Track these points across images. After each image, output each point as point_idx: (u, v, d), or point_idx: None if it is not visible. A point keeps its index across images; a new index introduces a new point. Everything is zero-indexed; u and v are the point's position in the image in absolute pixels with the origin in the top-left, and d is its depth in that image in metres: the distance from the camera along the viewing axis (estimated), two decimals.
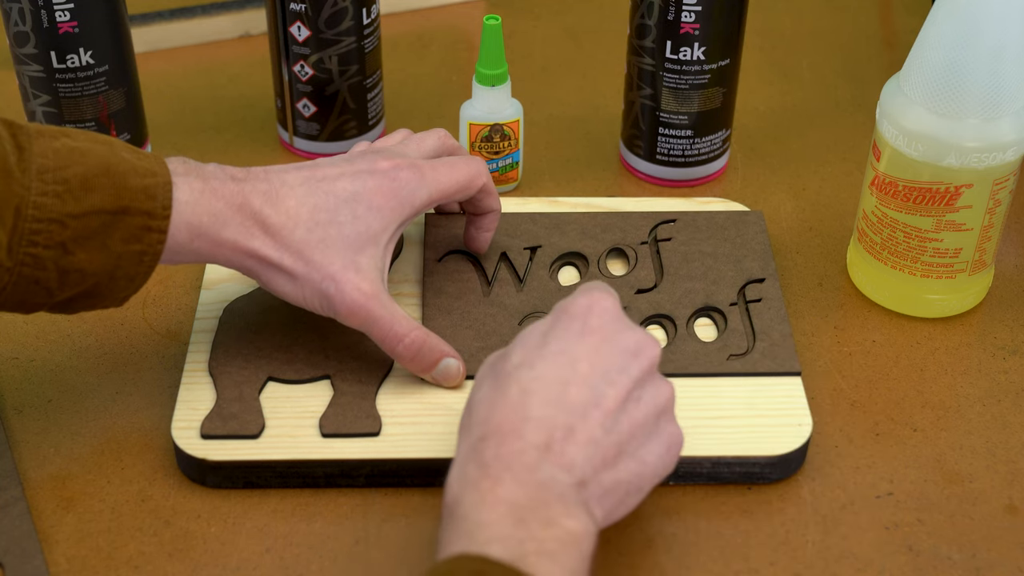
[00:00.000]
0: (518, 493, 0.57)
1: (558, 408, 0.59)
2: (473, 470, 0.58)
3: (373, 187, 0.70)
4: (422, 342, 0.70)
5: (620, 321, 0.63)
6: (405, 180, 0.71)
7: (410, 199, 0.71)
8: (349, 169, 0.71)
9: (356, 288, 0.68)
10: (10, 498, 0.69)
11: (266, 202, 0.68)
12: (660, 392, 0.62)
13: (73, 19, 0.82)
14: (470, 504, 0.57)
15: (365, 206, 0.70)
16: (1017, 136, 0.74)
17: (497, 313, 0.77)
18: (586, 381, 0.60)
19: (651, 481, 0.62)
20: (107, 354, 0.78)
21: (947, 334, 0.80)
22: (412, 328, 0.70)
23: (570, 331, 0.62)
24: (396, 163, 0.71)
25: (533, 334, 0.63)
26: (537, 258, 0.81)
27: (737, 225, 0.83)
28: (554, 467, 0.58)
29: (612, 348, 0.61)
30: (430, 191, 0.72)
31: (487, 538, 0.55)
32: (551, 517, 0.57)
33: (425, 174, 0.72)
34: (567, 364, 0.61)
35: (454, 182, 0.73)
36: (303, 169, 0.71)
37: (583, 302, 0.63)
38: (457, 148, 0.78)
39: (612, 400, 0.60)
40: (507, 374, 0.61)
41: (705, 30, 0.84)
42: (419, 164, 0.72)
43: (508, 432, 0.59)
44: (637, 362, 0.61)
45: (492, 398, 0.61)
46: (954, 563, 0.67)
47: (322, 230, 0.69)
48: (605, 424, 0.60)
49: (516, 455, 0.58)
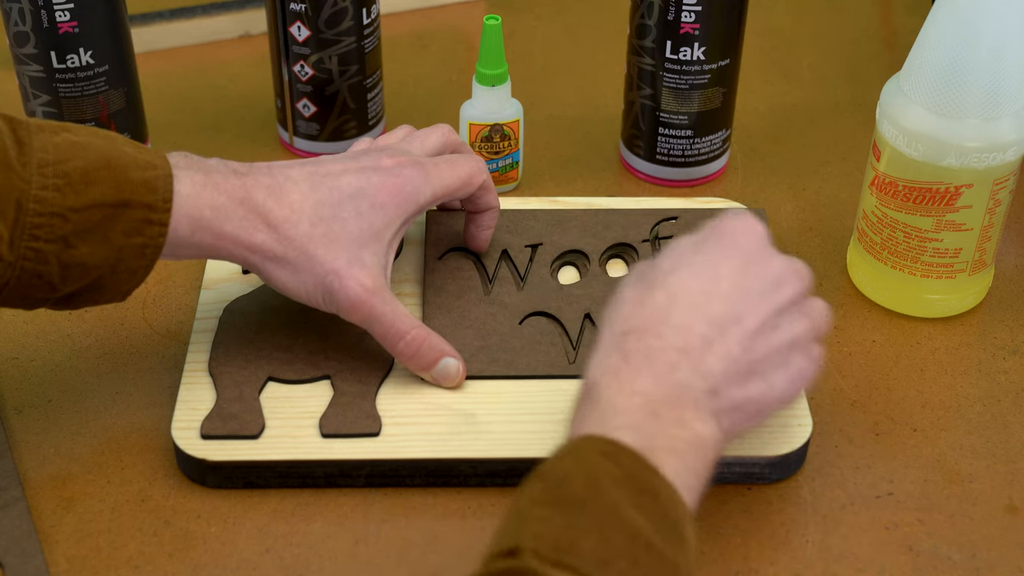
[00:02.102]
0: (655, 388, 0.59)
1: (699, 318, 0.61)
2: (615, 359, 0.61)
3: (377, 184, 0.70)
4: (423, 340, 0.71)
5: (768, 247, 0.64)
6: (409, 177, 0.71)
7: (414, 196, 0.71)
8: (353, 166, 0.71)
9: (359, 283, 0.69)
10: (10, 498, 0.69)
11: (269, 196, 0.68)
12: (796, 324, 0.63)
13: (73, 19, 0.82)
14: (608, 389, 0.59)
15: (369, 203, 0.70)
16: (1017, 136, 0.74)
17: (497, 312, 0.77)
18: (728, 298, 0.62)
19: (774, 406, 0.63)
20: (107, 354, 0.78)
21: (947, 334, 0.80)
22: (413, 326, 0.70)
23: (719, 247, 0.63)
24: (400, 160, 0.72)
25: (684, 245, 0.65)
26: (538, 256, 0.81)
27: None
28: (691, 371, 0.60)
29: (757, 271, 0.63)
30: (434, 188, 0.72)
31: (620, 424, 0.58)
32: (683, 418, 0.59)
33: (429, 172, 0.72)
34: (712, 278, 0.62)
35: (456, 179, 0.74)
36: (307, 165, 0.71)
37: (737, 223, 0.64)
38: (460, 144, 0.78)
39: (751, 321, 0.62)
40: (654, 279, 0.63)
41: (705, 30, 0.84)
42: (422, 162, 0.73)
43: (650, 330, 0.61)
44: (779, 291, 0.63)
45: (638, 299, 0.63)
46: (954, 563, 0.67)
47: (326, 225, 0.69)
48: (743, 342, 0.61)
49: (657, 352, 0.60)
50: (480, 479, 0.70)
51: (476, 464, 0.70)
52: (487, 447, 0.70)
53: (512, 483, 0.70)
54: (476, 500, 0.70)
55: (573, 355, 0.74)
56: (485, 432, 0.70)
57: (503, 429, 0.71)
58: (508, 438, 0.70)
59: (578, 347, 0.75)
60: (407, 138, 0.76)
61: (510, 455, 0.69)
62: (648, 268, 0.64)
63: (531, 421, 0.71)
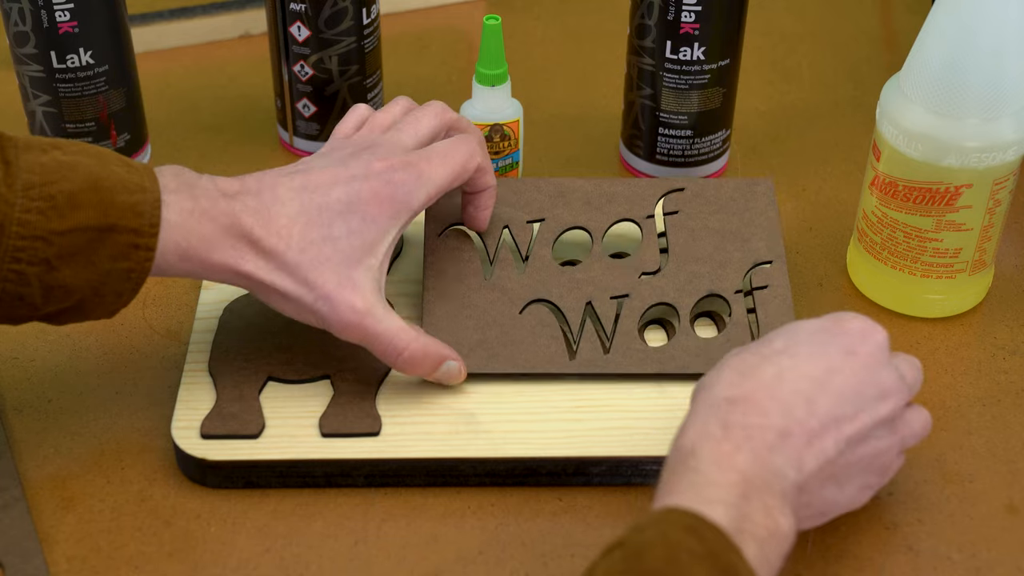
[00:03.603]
0: (752, 468, 0.58)
1: (805, 407, 0.60)
2: (716, 427, 0.59)
3: (368, 195, 0.69)
4: (422, 353, 0.70)
5: (884, 357, 0.64)
6: (401, 182, 0.70)
7: (407, 201, 0.70)
8: (343, 174, 0.69)
9: (350, 307, 0.68)
10: (10, 498, 0.69)
11: (257, 222, 0.67)
12: (884, 440, 0.63)
13: (73, 19, 0.82)
14: (706, 459, 0.58)
15: (360, 217, 0.68)
16: (1017, 136, 0.74)
17: (498, 299, 0.76)
18: (837, 397, 0.61)
19: (837, 512, 0.64)
20: (107, 354, 0.78)
21: (947, 334, 0.80)
22: (410, 340, 0.69)
23: (838, 344, 0.63)
24: (391, 164, 0.70)
25: (802, 328, 0.64)
26: (540, 234, 0.79)
27: (746, 196, 0.81)
28: (787, 460, 0.59)
29: (870, 379, 0.62)
30: (427, 190, 0.71)
31: (714, 498, 0.56)
32: (769, 506, 0.58)
33: (421, 172, 0.70)
34: (826, 371, 0.62)
35: (450, 173, 0.72)
36: (296, 176, 0.69)
37: (860, 325, 0.64)
38: (457, 121, 0.76)
39: (851, 427, 0.61)
40: (766, 355, 0.62)
41: (705, 30, 0.84)
42: (414, 162, 0.71)
43: (754, 404, 0.60)
44: (885, 404, 0.63)
45: (744, 369, 0.62)
46: (954, 563, 0.67)
47: (316, 249, 0.68)
48: (838, 446, 0.61)
49: (759, 430, 0.59)
50: (480, 479, 0.70)
51: (476, 464, 0.69)
52: (487, 447, 0.70)
53: (512, 483, 0.70)
54: (476, 500, 0.70)
55: (574, 349, 0.74)
56: (485, 432, 0.70)
57: (503, 429, 0.71)
58: (508, 438, 0.70)
59: (579, 341, 0.75)
60: (401, 124, 0.74)
61: (510, 455, 0.69)
62: (758, 343, 0.64)
63: (531, 421, 0.71)
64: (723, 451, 0.58)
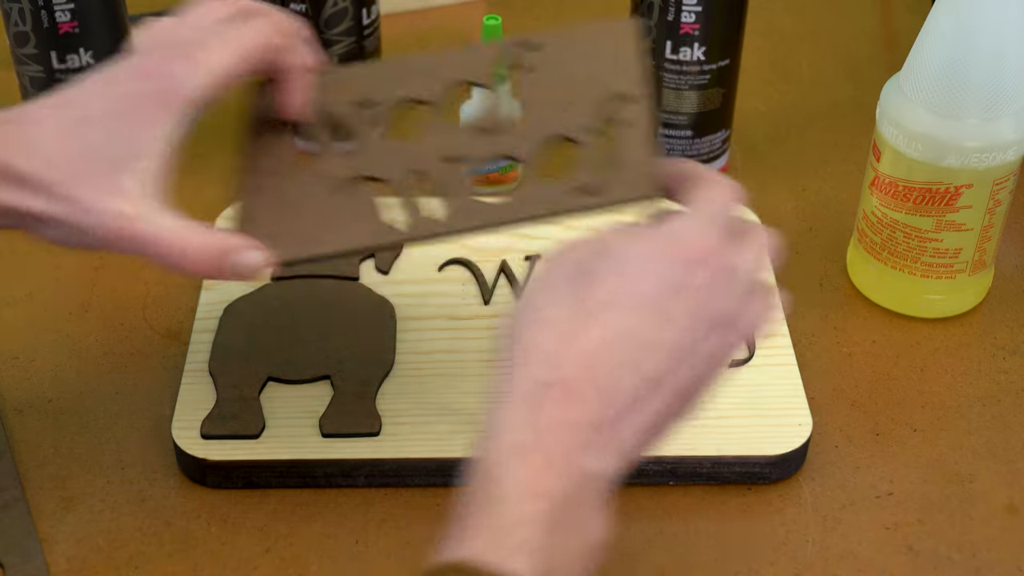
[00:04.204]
0: (564, 485, 0.50)
1: (628, 378, 0.53)
2: (528, 433, 0.51)
3: (131, 95, 0.62)
4: (207, 247, 0.62)
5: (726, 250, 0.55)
6: (168, 75, 0.62)
7: (176, 91, 0.62)
8: (100, 82, 0.63)
9: (117, 214, 0.61)
10: (10, 498, 0.69)
11: (9, 147, 0.61)
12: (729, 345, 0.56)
13: (73, 19, 0.82)
14: (512, 484, 0.50)
15: (122, 120, 0.62)
16: (1017, 136, 0.74)
17: (314, 183, 0.66)
18: (667, 353, 0.53)
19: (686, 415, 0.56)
20: (107, 354, 0.78)
21: (947, 334, 0.80)
22: (189, 236, 0.62)
23: (672, 277, 0.54)
24: (155, 58, 0.63)
25: (635, 257, 0.55)
26: (370, 113, 0.69)
27: (608, 41, 0.68)
28: (601, 454, 0.52)
29: (707, 315, 0.54)
30: (202, 77, 0.63)
31: (516, 542, 0.49)
32: (582, 518, 0.51)
33: (193, 59, 0.63)
34: (656, 326, 0.53)
35: (233, 55, 0.64)
36: (55, 95, 0.63)
37: (700, 241, 0.55)
38: (258, 9, 0.67)
39: (682, 379, 0.54)
40: (591, 309, 0.53)
41: (705, 30, 0.84)
42: (184, 51, 0.63)
43: (574, 392, 0.52)
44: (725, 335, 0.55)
45: (569, 329, 0.53)
46: (954, 563, 0.67)
47: (74, 164, 0.61)
48: (665, 400, 0.54)
49: (572, 429, 0.51)
50: None
51: None
52: None
53: None
54: None
55: (402, 220, 0.64)
56: None
57: None
58: None
59: (413, 212, 0.64)
60: (181, 17, 0.66)
61: None
62: (587, 283, 0.54)
63: None
64: (532, 468, 0.50)
